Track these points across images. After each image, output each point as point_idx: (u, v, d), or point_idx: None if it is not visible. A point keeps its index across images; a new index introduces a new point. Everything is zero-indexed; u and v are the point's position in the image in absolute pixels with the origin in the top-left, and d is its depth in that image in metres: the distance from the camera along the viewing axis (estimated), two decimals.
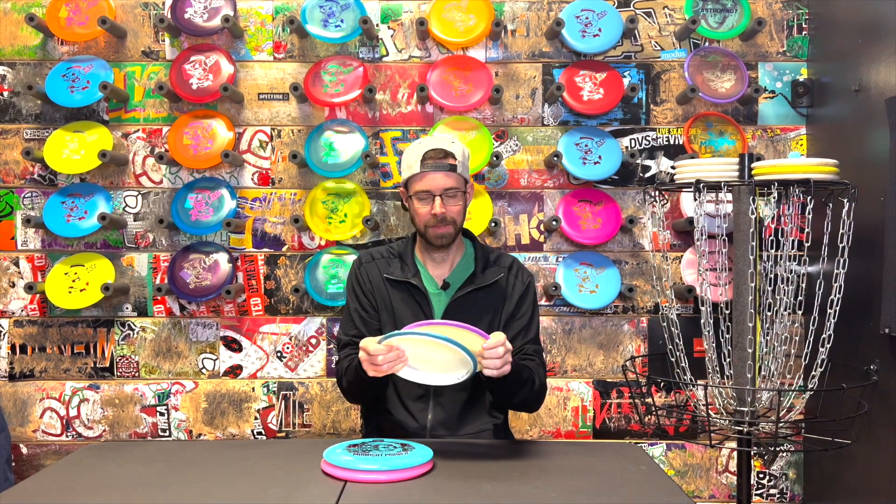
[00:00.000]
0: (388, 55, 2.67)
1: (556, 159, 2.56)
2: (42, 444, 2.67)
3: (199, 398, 2.67)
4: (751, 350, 2.11)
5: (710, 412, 2.11)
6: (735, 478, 2.62)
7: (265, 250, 2.67)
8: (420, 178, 1.93)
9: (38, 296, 2.64)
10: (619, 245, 2.68)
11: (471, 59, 2.64)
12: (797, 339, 2.26)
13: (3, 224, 2.65)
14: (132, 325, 2.66)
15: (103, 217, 2.53)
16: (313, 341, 2.67)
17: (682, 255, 2.65)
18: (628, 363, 2.55)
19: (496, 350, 1.63)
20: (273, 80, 2.67)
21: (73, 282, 2.58)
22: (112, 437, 2.67)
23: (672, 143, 2.68)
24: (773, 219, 2.33)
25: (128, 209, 2.66)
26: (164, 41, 2.67)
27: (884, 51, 2.18)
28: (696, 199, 2.13)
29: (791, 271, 2.18)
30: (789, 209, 2.20)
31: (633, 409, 2.66)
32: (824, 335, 2.08)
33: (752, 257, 2.10)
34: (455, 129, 2.61)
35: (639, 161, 2.67)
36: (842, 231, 2.04)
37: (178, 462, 1.73)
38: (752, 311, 2.11)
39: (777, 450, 2.53)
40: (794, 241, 2.23)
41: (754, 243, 2.10)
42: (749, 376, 2.12)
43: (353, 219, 2.61)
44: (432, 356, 1.65)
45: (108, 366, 2.66)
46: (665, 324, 2.43)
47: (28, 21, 2.54)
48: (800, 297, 2.18)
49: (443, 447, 1.75)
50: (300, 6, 2.63)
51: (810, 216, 2.05)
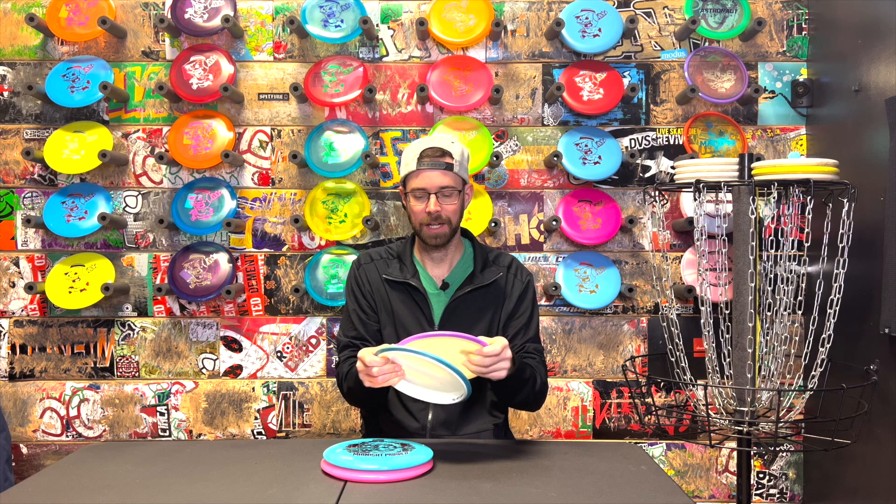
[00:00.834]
0: (388, 55, 2.68)
1: (556, 159, 2.56)
2: (42, 444, 2.67)
3: (200, 398, 2.67)
4: (751, 350, 2.11)
5: (710, 412, 2.11)
6: (735, 478, 2.62)
7: (265, 250, 2.67)
8: (416, 175, 1.93)
9: (38, 296, 2.65)
10: (619, 245, 2.68)
11: (471, 59, 2.64)
12: (797, 339, 2.26)
13: (3, 224, 2.66)
14: (132, 325, 2.66)
15: (103, 217, 2.53)
16: (313, 341, 2.67)
17: (682, 255, 2.65)
18: (628, 363, 2.55)
19: (488, 358, 1.63)
20: (273, 80, 2.67)
21: (74, 282, 2.58)
22: (112, 437, 2.67)
23: (672, 143, 2.68)
24: (772, 219, 2.33)
25: (128, 209, 2.66)
26: (164, 41, 2.67)
27: (884, 51, 2.18)
28: (695, 199, 2.13)
29: (791, 271, 2.18)
30: (789, 209, 2.20)
31: (633, 409, 2.66)
32: (824, 335, 2.08)
33: (752, 257, 2.10)
34: (455, 129, 2.61)
35: (639, 161, 2.67)
36: (842, 231, 2.04)
37: (178, 462, 1.72)
38: (752, 311, 2.11)
39: (777, 450, 2.53)
40: (793, 241, 2.23)
41: (754, 243, 2.10)
42: (749, 376, 2.12)
43: (353, 219, 2.61)
44: (429, 372, 1.64)
45: (108, 366, 2.67)
46: (665, 324, 2.43)
47: (28, 21, 2.55)
48: (800, 297, 2.18)
49: (443, 447, 1.75)
50: (300, 6, 2.63)
51: (810, 216, 2.05)
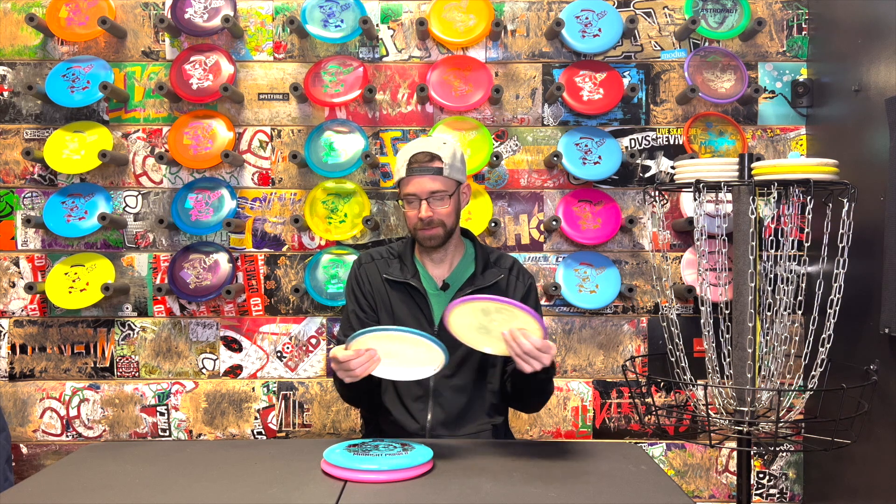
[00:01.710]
0: (388, 55, 2.67)
1: (556, 159, 2.56)
2: (42, 444, 2.67)
3: (200, 398, 2.67)
4: (751, 350, 2.11)
5: (710, 412, 2.11)
6: (735, 478, 2.62)
7: (265, 250, 2.67)
8: (407, 182, 1.94)
9: (38, 296, 2.65)
10: (619, 245, 2.68)
11: (471, 59, 2.64)
12: (797, 339, 2.26)
13: (3, 224, 2.66)
14: (132, 325, 2.66)
15: (103, 217, 2.53)
16: (313, 341, 2.67)
17: (682, 255, 2.65)
18: (628, 363, 2.55)
19: (536, 350, 1.63)
20: (273, 80, 2.67)
21: (74, 282, 2.58)
22: (112, 437, 2.67)
23: (672, 143, 2.68)
24: (772, 219, 2.33)
25: (128, 209, 2.66)
26: (164, 41, 2.67)
27: (884, 51, 2.18)
28: (695, 199, 2.13)
29: (791, 271, 2.18)
30: (789, 209, 2.20)
31: (633, 409, 2.66)
32: (824, 335, 2.08)
33: (752, 257, 2.10)
34: (455, 129, 2.61)
35: (639, 161, 2.67)
36: (841, 231, 2.04)
37: (178, 462, 1.72)
38: (752, 311, 2.11)
39: (777, 450, 2.53)
40: (793, 241, 2.23)
41: (754, 243, 2.10)
42: (749, 376, 2.12)
43: (353, 219, 2.61)
44: (406, 351, 1.63)
45: (108, 366, 2.66)
46: (665, 324, 2.43)
47: (28, 21, 2.55)
48: (800, 297, 2.18)
49: (443, 447, 1.75)
50: (300, 6, 2.63)
51: (810, 216, 2.05)
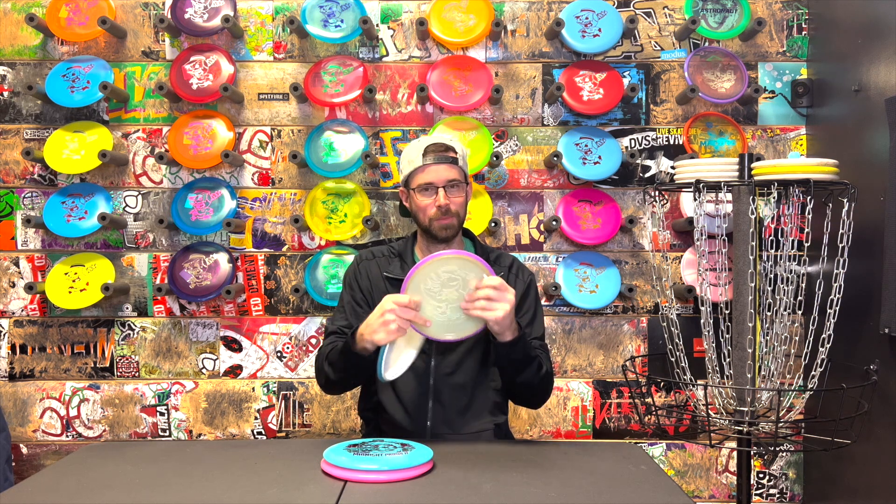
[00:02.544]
0: (388, 55, 2.67)
1: (556, 159, 2.56)
2: (42, 444, 2.67)
3: (199, 398, 2.67)
4: (751, 350, 2.11)
5: (710, 412, 2.11)
6: (735, 478, 2.62)
7: (265, 250, 2.67)
8: (422, 170, 1.94)
9: (38, 296, 2.65)
10: (618, 245, 2.68)
11: (471, 59, 2.64)
12: (797, 339, 2.26)
13: (3, 224, 2.66)
14: (132, 325, 2.66)
15: (103, 217, 2.53)
16: (313, 341, 2.67)
17: (682, 255, 2.65)
18: (628, 363, 2.55)
19: (489, 289, 1.66)
20: (273, 80, 2.67)
21: (74, 282, 2.58)
22: (112, 437, 2.67)
23: (672, 143, 2.68)
24: (772, 219, 2.33)
25: (128, 209, 2.66)
26: (164, 41, 2.67)
27: (884, 51, 2.18)
28: (695, 199, 2.13)
29: (791, 271, 2.18)
30: (789, 209, 2.20)
31: (633, 409, 2.66)
32: (824, 335, 2.08)
33: (752, 257, 2.10)
34: (455, 129, 2.61)
35: (639, 161, 2.67)
36: (841, 231, 2.04)
37: (178, 462, 1.72)
38: (752, 311, 2.11)
39: (777, 450, 2.53)
40: (793, 241, 2.23)
41: (754, 243, 2.10)
42: (749, 376, 2.12)
43: (353, 219, 2.61)
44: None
45: (108, 366, 2.66)
46: (665, 324, 2.43)
47: (28, 21, 2.55)
48: (800, 297, 2.18)
49: (443, 447, 1.75)
50: (300, 6, 2.63)
51: (810, 216, 2.05)
